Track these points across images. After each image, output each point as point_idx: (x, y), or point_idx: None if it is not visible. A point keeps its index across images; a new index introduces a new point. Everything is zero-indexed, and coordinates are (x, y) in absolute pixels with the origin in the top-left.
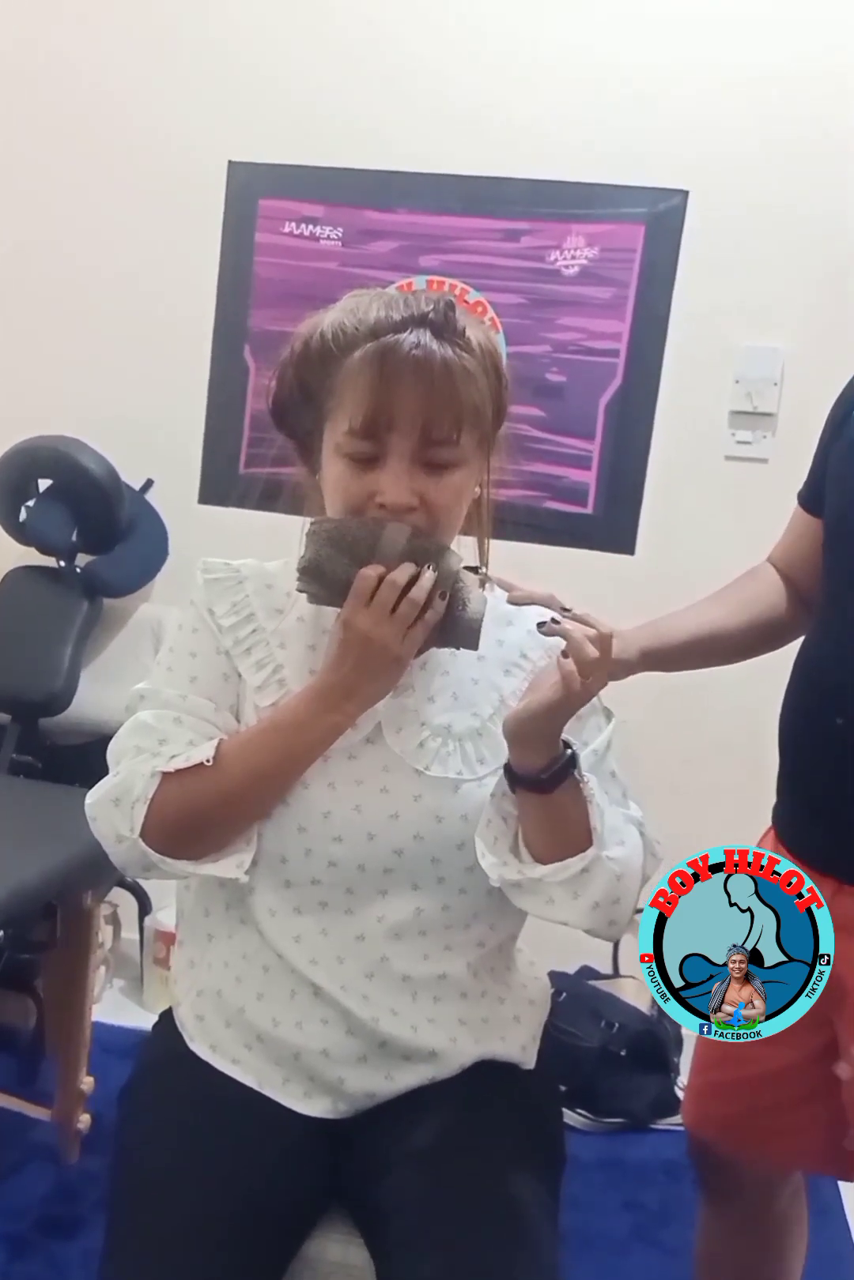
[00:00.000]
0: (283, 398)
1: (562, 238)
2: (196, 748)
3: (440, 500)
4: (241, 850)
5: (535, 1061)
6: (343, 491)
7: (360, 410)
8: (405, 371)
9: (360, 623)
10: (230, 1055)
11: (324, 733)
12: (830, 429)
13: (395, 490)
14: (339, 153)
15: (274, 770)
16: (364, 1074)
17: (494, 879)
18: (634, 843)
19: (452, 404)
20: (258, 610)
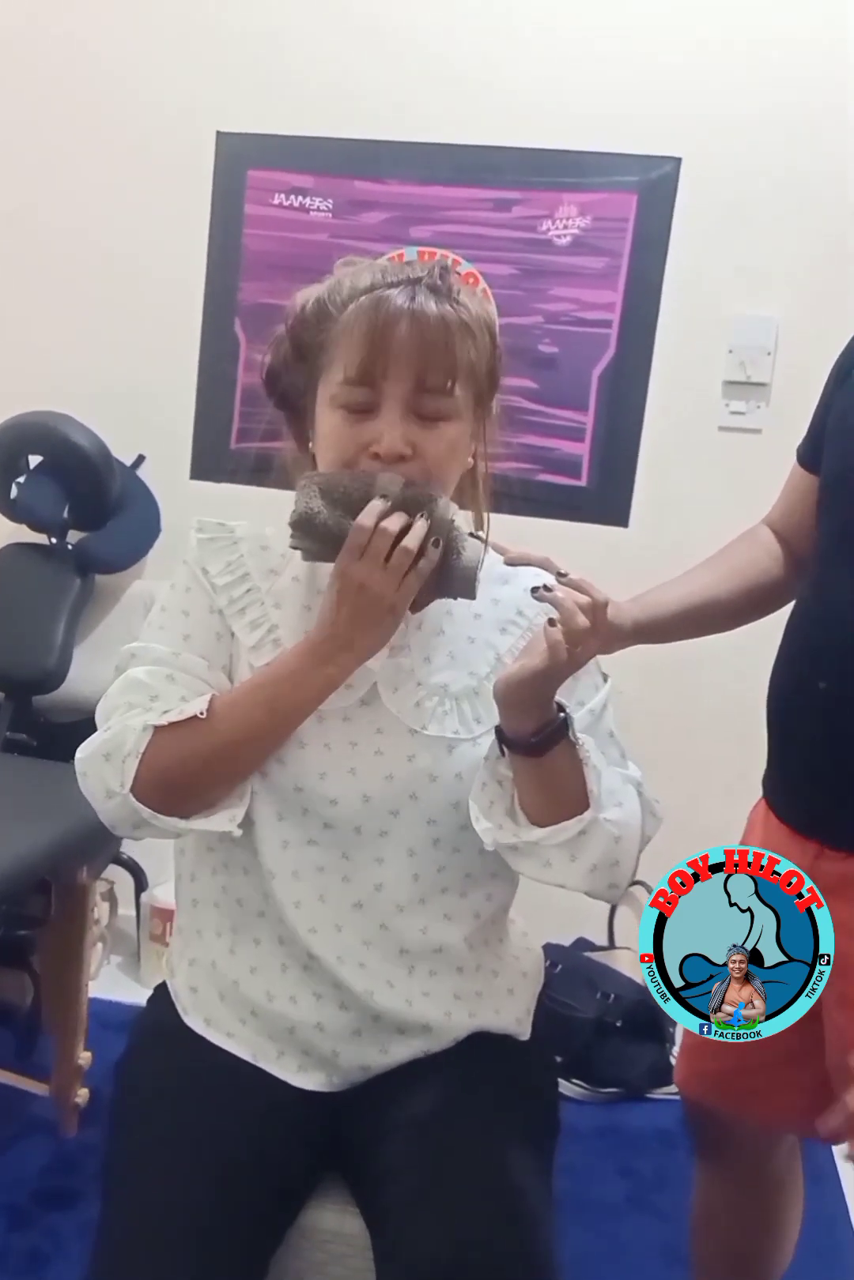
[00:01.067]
0: (277, 364)
1: (553, 207)
2: (189, 703)
3: (434, 450)
4: (234, 805)
5: (530, 1033)
6: (336, 442)
7: (355, 358)
8: (400, 320)
9: (355, 573)
10: (225, 1029)
11: (319, 686)
12: (832, 384)
13: (389, 438)
14: (329, 122)
15: (268, 724)
16: (358, 1047)
17: (489, 843)
18: (632, 804)
19: (446, 353)
20: (252, 570)
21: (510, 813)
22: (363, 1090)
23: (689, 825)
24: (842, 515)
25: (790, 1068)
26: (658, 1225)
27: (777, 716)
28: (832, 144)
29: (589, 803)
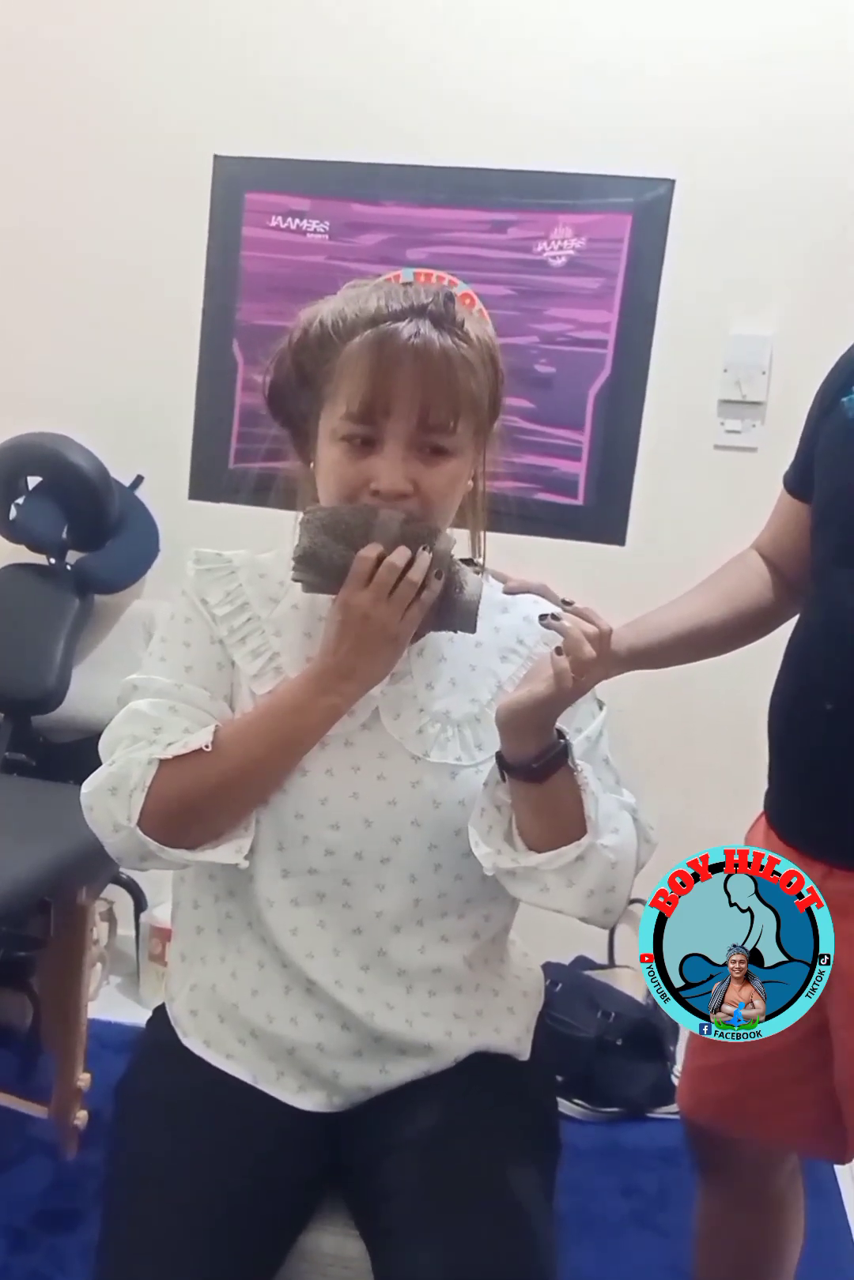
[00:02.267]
0: (280, 384)
1: (549, 228)
2: (193, 735)
3: (435, 487)
4: (240, 836)
5: (530, 1052)
6: (338, 476)
7: (358, 394)
8: (404, 357)
9: (359, 603)
10: (224, 1050)
11: (322, 715)
12: (818, 411)
13: (390, 476)
14: (325, 146)
15: (272, 754)
16: (359, 1068)
17: (488, 868)
18: (628, 830)
19: (449, 391)
20: (252, 599)
21: (508, 838)
22: (363, 1111)
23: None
24: (837, 541)
25: (797, 1089)
26: (661, 1244)
27: (781, 737)
28: (824, 162)
29: (587, 829)
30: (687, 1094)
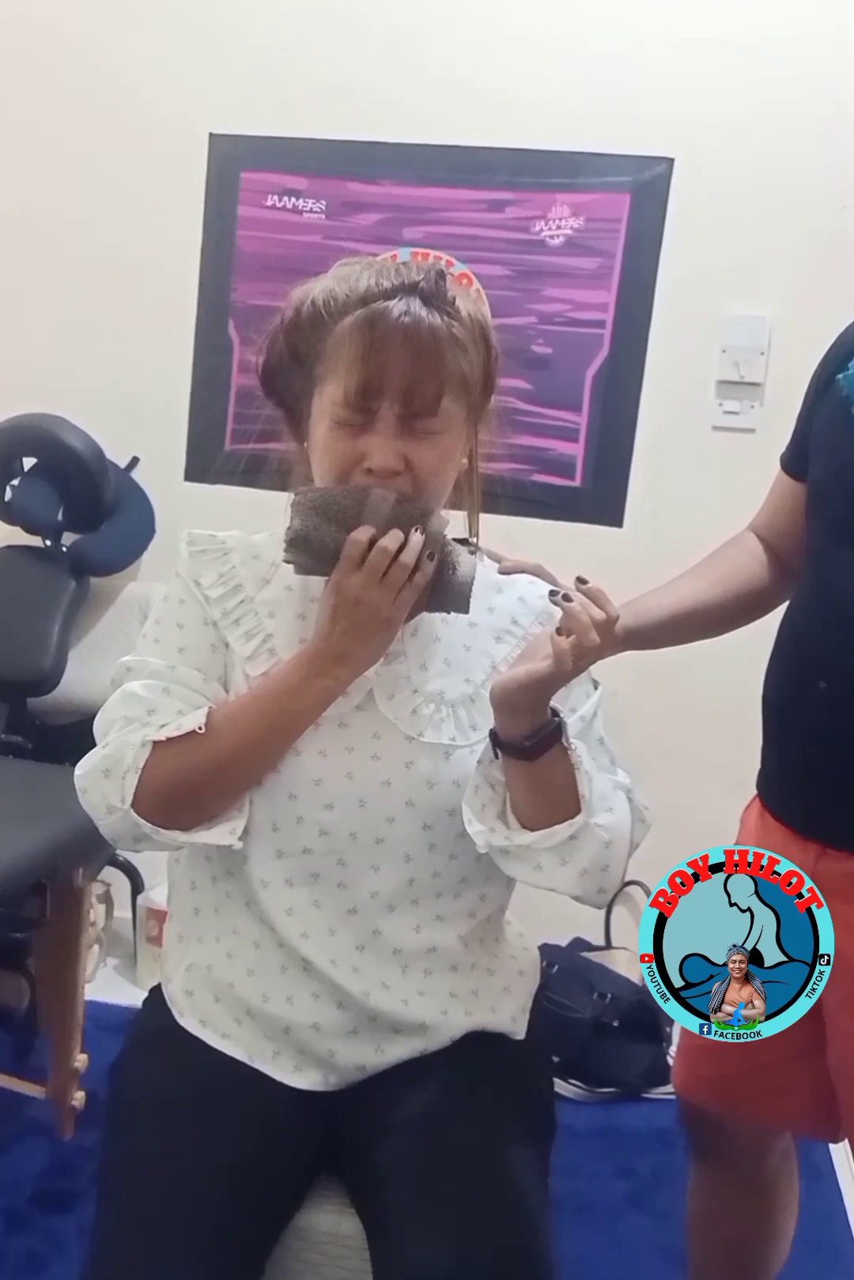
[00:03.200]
0: (273, 364)
1: (546, 208)
2: (187, 716)
3: (426, 464)
4: (234, 818)
5: (525, 1032)
6: (331, 456)
7: (350, 376)
8: (393, 338)
9: (351, 587)
10: (220, 1030)
11: (316, 698)
12: (814, 391)
13: (382, 454)
14: (321, 124)
15: (266, 737)
16: (355, 1047)
17: (481, 845)
18: (622, 810)
19: (436, 370)
20: (245, 580)
21: (502, 816)
22: (359, 1090)
23: (687, 825)
24: (832, 519)
25: (791, 1070)
26: (656, 1225)
27: (775, 717)
28: (823, 143)
29: (581, 807)
30: (681, 1074)
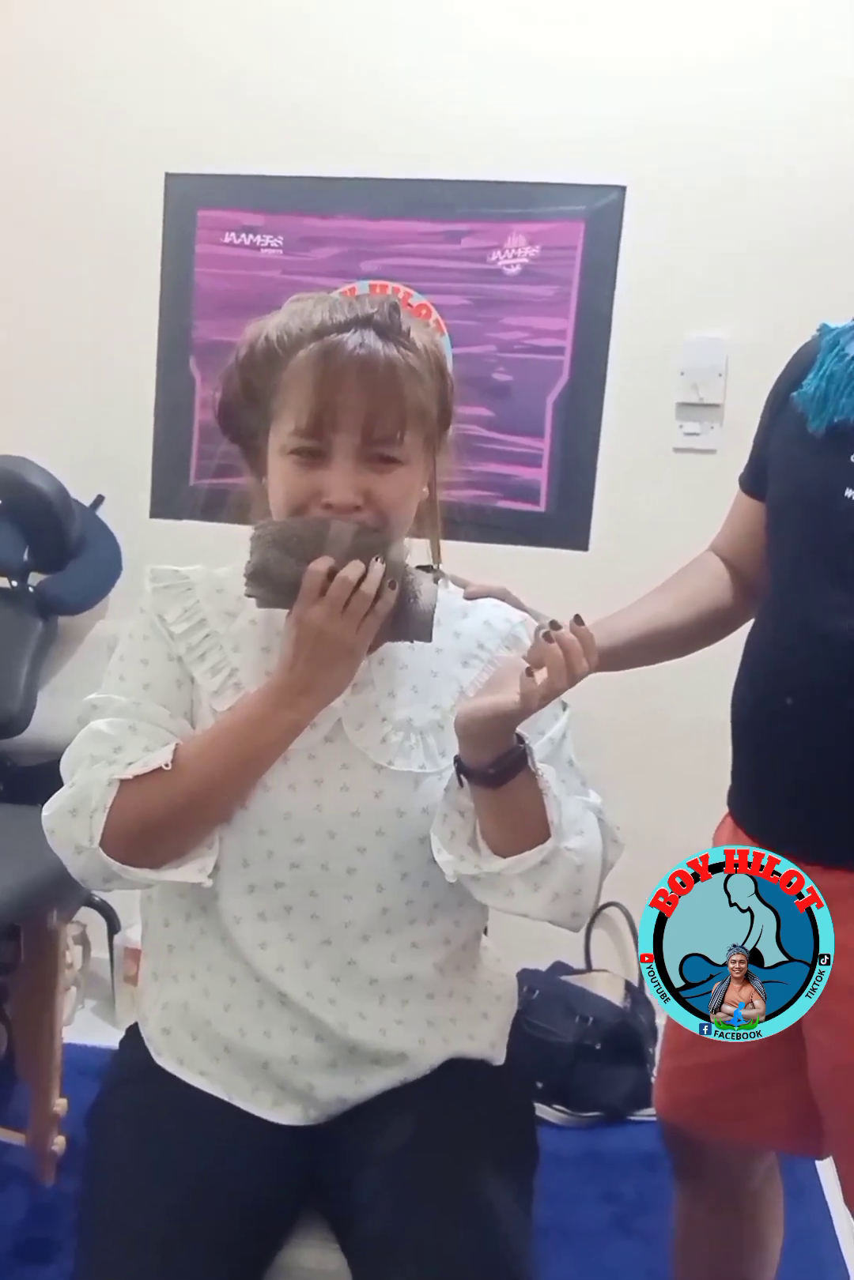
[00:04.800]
0: (229, 401)
1: (502, 238)
2: (154, 753)
3: (386, 497)
4: (204, 855)
5: (505, 1057)
6: (288, 490)
7: (305, 409)
8: (349, 370)
9: (313, 618)
10: (198, 1067)
11: (282, 731)
12: (770, 411)
13: (341, 489)
14: (277, 160)
15: (233, 771)
16: (334, 1080)
17: (450, 875)
18: (593, 832)
19: (395, 402)
20: (209, 615)
21: (472, 843)
22: (340, 1123)
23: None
24: (792, 536)
25: (770, 1088)
26: (643, 1249)
27: (743, 734)
28: (775, 165)
29: (550, 832)
30: (662, 1096)
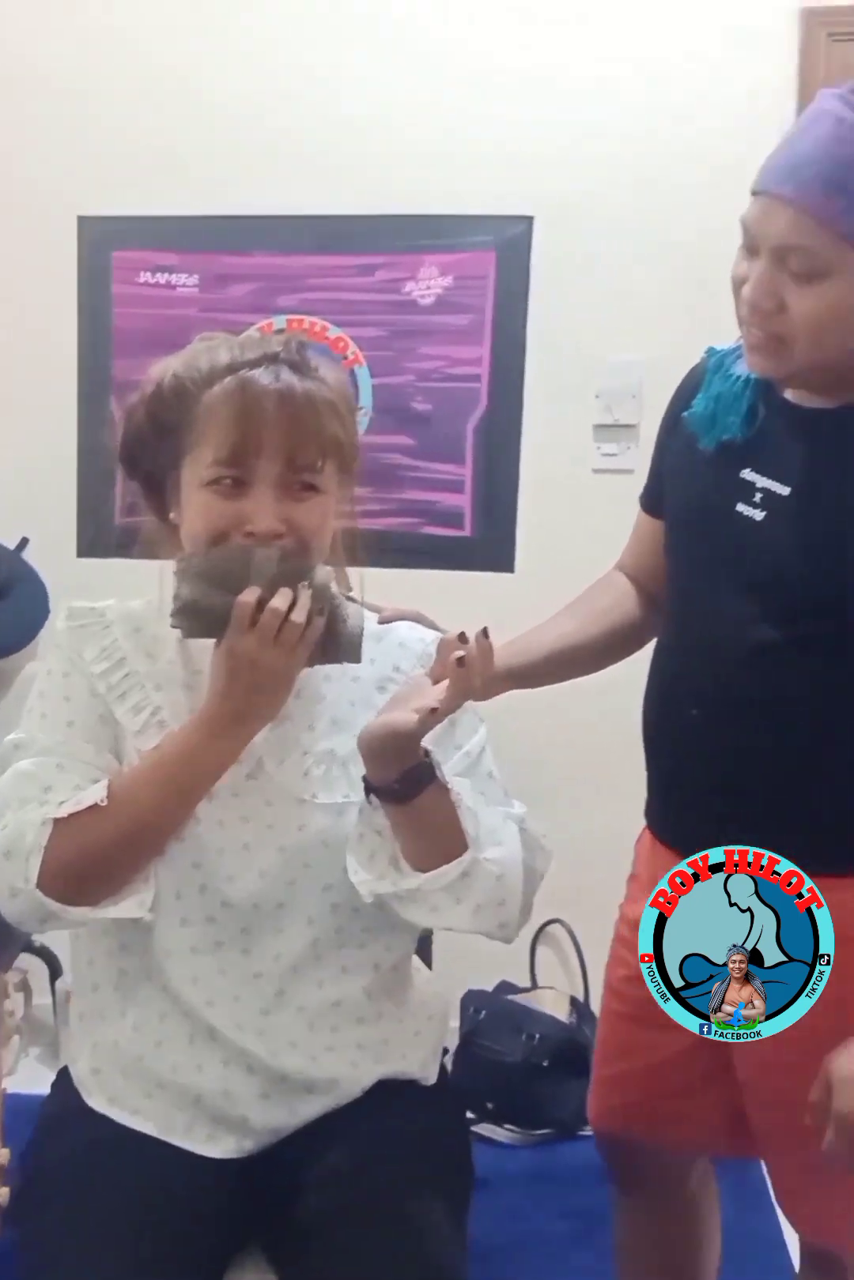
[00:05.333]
0: (133, 439)
1: (415, 269)
2: (85, 790)
3: (307, 524)
4: (141, 890)
5: (437, 1076)
6: (209, 521)
7: (226, 439)
8: (268, 401)
9: (245, 649)
10: (130, 1106)
11: (217, 760)
12: (664, 433)
13: (263, 516)
14: (189, 201)
15: (168, 803)
16: (267, 1110)
17: (366, 895)
18: (513, 842)
19: (316, 432)
20: (129, 653)
21: (393, 862)
22: (275, 1152)
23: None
24: (689, 553)
25: (702, 1091)
26: (603, 1262)
27: (653, 747)
28: (679, 187)
29: (468, 845)
30: (597, 1105)
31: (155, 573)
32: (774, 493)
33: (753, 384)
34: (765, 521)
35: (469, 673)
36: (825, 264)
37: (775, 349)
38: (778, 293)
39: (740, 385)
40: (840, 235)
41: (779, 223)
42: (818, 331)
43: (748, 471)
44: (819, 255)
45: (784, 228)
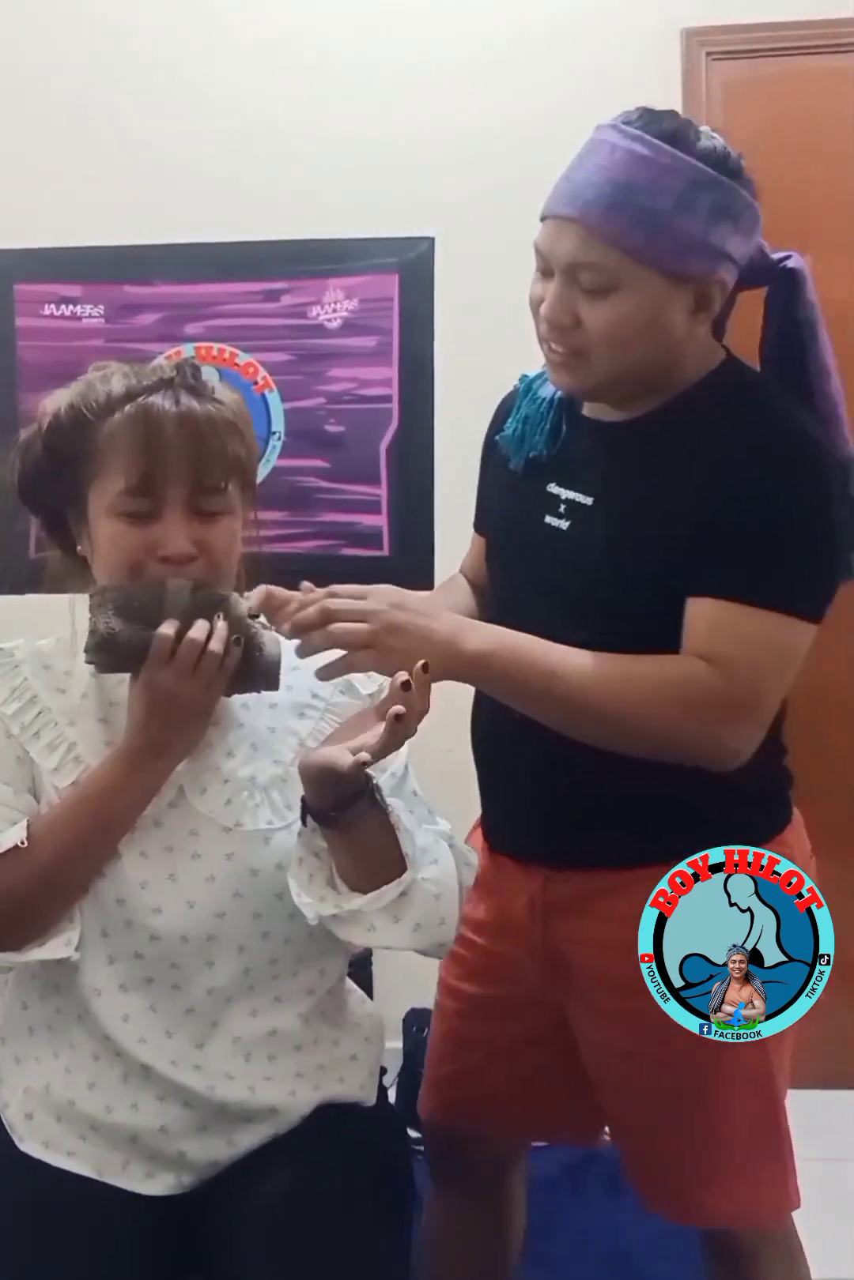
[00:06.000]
0: (30, 473)
1: (320, 293)
2: (4, 833)
3: (218, 546)
4: (66, 929)
5: (375, 1098)
6: (119, 550)
7: (134, 468)
8: (171, 426)
9: (164, 682)
10: (65, 1148)
11: (138, 795)
12: (483, 456)
13: (175, 541)
14: (92, 232)
15: (91, 841)
16: (205, 1143)
17: (312, 917)
18: (447, 859)
19: (220, 453)
20: (39, 691)
21: (330, 883)
22: (214, 1185)
23: None
24: (506, 566)
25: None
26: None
27: (483, 756)
28: None
29: (406, 865)
30: (431, 1101)
31: (72, 607)
32: (578, 503)
33: (557, 404)
34: (570, 530)
35: (408, 722)
36: (613, 278)
37: (575, 363)
38: (573, 309)
39: (546, 406)
40: (625, 251)
41: (568, 243)
42: (612, 343)
43: (553, 485)
44: (607, 270)
45: (573, 247)
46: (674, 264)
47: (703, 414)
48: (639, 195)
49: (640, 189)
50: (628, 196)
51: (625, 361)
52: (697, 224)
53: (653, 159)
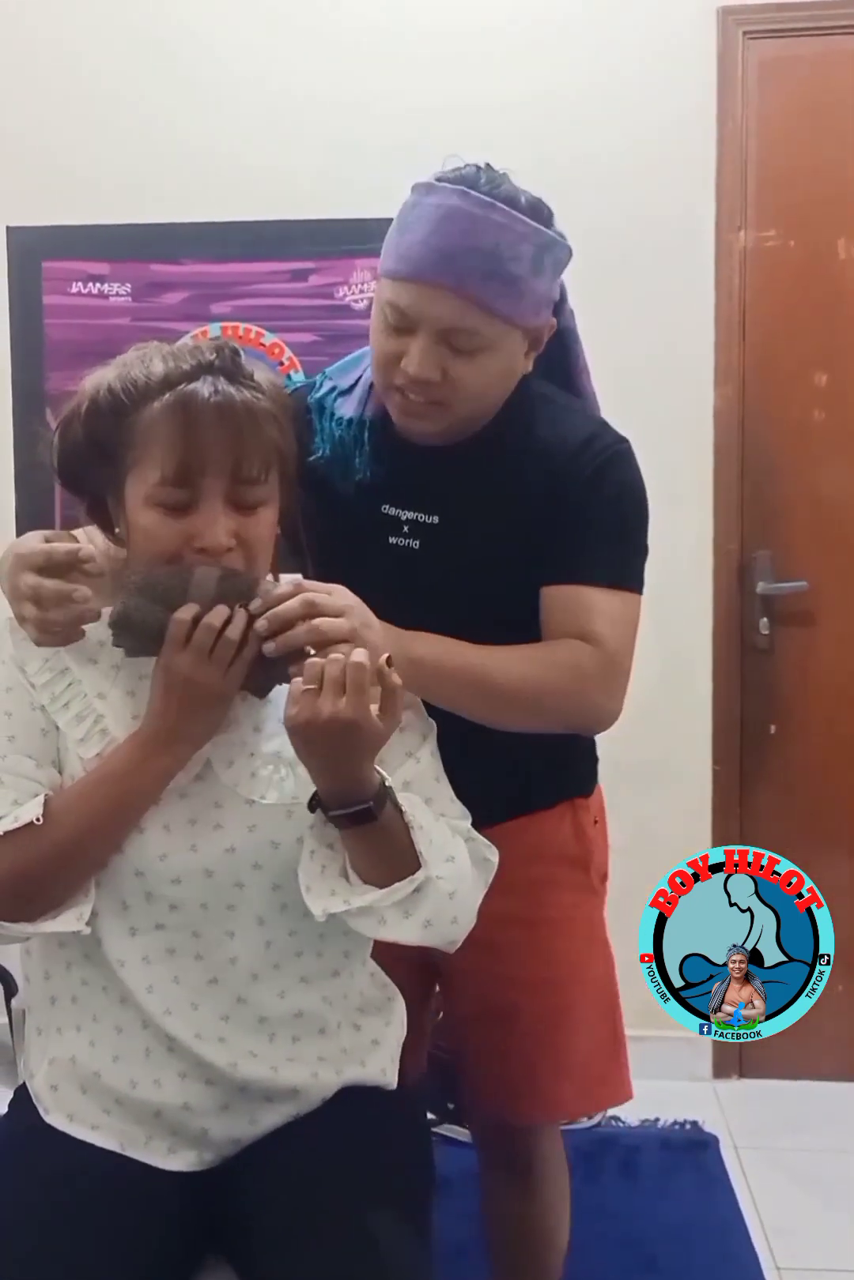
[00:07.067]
0: (70, 455)
1: (347, 273)
2: (23, 807)
3: (256, 538)
4: (80, 903)
5: (396, 1081)
6: (156, 540)
7: (172, 458)
8: (210, 416)
9: (180, 665)
10: (89, 1122)
11: (154, 779)
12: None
13: (212, 533)
14: (120, 210)
15: (107, 820)
16: (227, 1121)
17: (318, 914)
18: (463, 857)
19: (259, 444)
20: (71, 663)
21: (343, 875)
22: (236, 1163)
23: None
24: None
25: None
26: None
27: None
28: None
29: (420, 862)
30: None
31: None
32: (424, 523)
33: (367, 425)
34: (422, 550)
35: (394, 703)
36: (488, 341)
37: (435, 412)
38: (441, 365)
39: (355, 427)
40: (496, 316)
41: (443, 309)
42: (479, 397)
43: (388, 507)
44: (483, 335)
45: (449, 313)
46: (532, 320)
47: (519, 427)
48: (505, 263)
49: (504, 257)
50: (496, 265)
51: (481, 407)
52: (544, 282)
53: (508, 225)
